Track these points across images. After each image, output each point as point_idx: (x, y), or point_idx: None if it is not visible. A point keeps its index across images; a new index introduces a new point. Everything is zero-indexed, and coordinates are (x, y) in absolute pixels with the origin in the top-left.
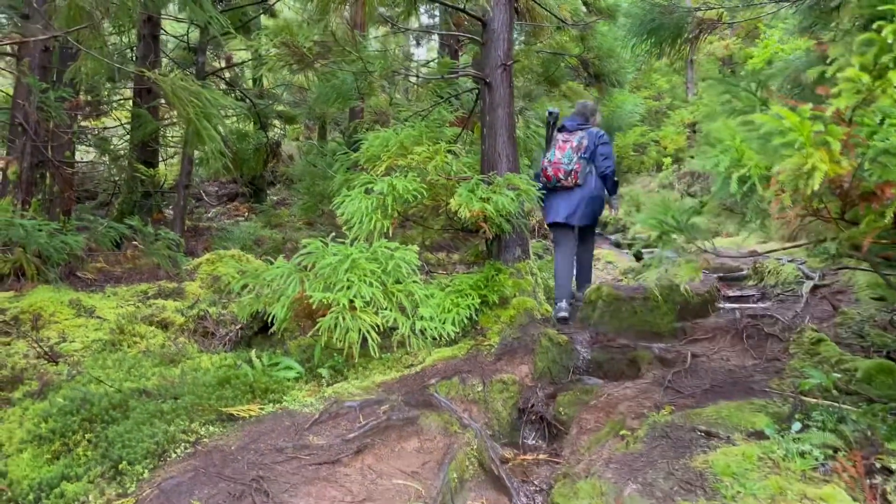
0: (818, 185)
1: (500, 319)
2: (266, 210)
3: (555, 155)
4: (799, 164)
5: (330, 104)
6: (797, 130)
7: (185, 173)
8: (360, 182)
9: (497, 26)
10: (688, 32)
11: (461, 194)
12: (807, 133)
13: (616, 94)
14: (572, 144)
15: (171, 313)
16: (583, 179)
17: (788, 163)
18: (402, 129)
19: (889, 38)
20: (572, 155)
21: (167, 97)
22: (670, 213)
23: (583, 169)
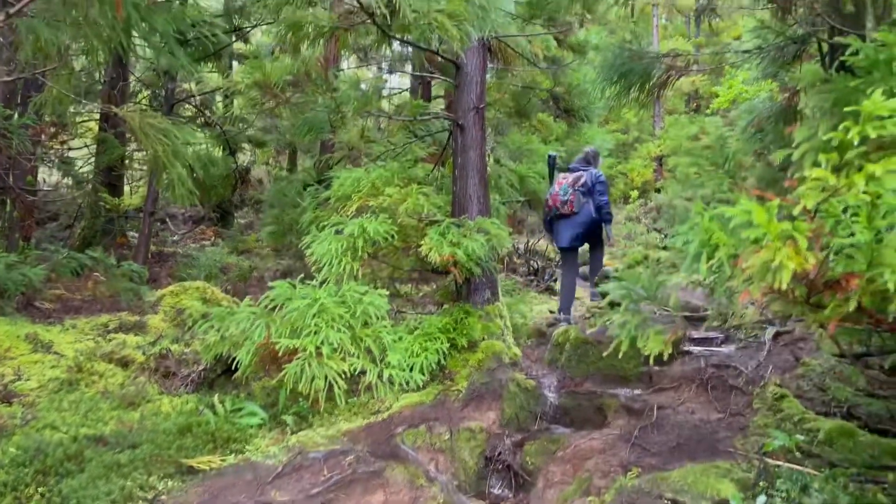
0: (787, 282)
1: (469, 363)
2: (233, 235)
3: (554, 189)
4: (767, 260)
5: (302, 136)
6: (765, 227)
7: (151, 200)
8: (331, 223)
9: (470, 70)
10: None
11: (432, 238)
12: (774, 231)
13: (585, 129)
14: (568, 180)
15: (131, 350)
16: (578, 208)
17: (756, 259)
18: (373, 169)
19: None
20: (568, 188)
21: (134, 133)
22: (640, 282)
23: (577, 199)
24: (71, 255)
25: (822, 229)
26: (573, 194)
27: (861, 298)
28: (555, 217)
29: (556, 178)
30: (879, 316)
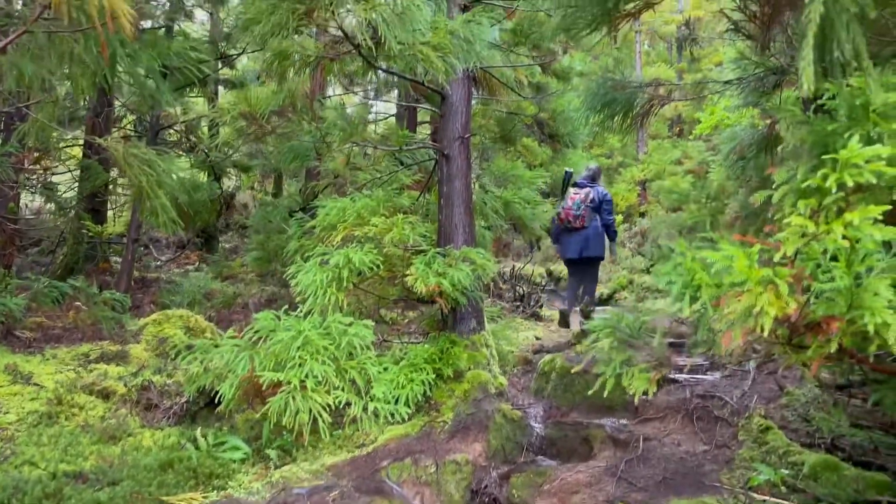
0: (769, 327)
1: (455, 394)
2: (217, 260)
3: (567, 203)
4: (748, 306)
5: (287, 164)
6: (746, 273)
7: (135, 227)
8: (316, 253)
9: (455, 100)
10: (639, 107)
11: (418, 268)
12: (756, 278)
13: (570, 154)
14: (581, 196)
15: (112, 381)
16: (588, 223)
17: (738, 305)
18: (359, 198)
19: (833, 188)
20: (580, 204)
21: (119, 165)
22: (624, 321)
23: (588, 215)
24: (52, 283)
25: (803, 273)
26: (585, 210)
27: (842, 339)
28: (564, 230)
29: (567, 194)
30: (860, 355)
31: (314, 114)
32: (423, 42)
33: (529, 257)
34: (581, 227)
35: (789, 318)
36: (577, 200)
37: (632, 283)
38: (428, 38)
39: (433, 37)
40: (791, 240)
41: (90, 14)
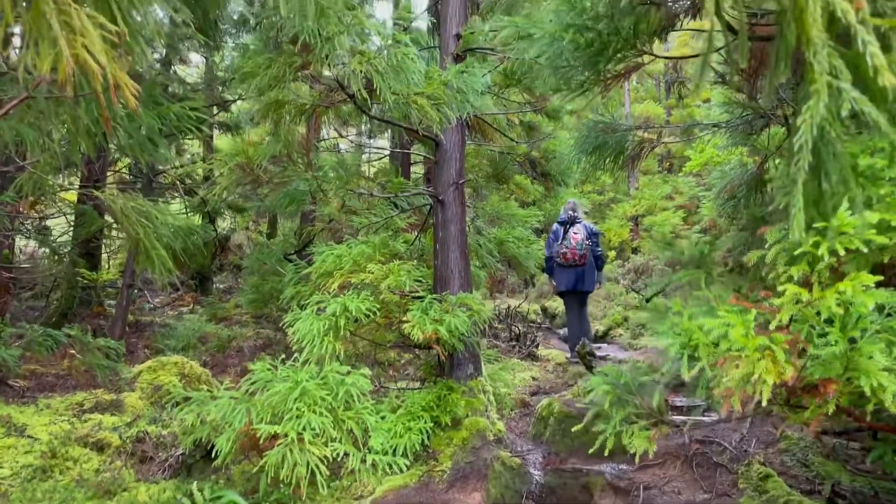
0: (767, 396)
1: (453, 442)
2: (212, 302)
3: (570, 244)
4: (746, 374)
5: (282, 208)
6: (742, 341)
7: (129, 272)
8: (313, 301)
9: (449, 147)
10: (629, 150)
11: (414, 315)
12: (753, 346)
13: (563, 192)
14: (582, 236)
15: (107, 433)
16: (587, 260)
17: (736, 372)
18: (355, 245)
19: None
20: (582, 243)
21: (115, 217)
22: (623, 379)
23: (588, 252)
24: (47, 332)
25: (798, 338)
26: (586, 249)
27: (839, 399)
28: (559, 265)
29: (568, 233)
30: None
31: (310, 162)
32: (417, 92)
33: (524, 294)
34: (582, 265)
35: (787, 382)
36: (579, 241)
37: (626, 319)
38: (422, 88)
39: (427, 87)
40: (786, 307)
41: (94, 88)
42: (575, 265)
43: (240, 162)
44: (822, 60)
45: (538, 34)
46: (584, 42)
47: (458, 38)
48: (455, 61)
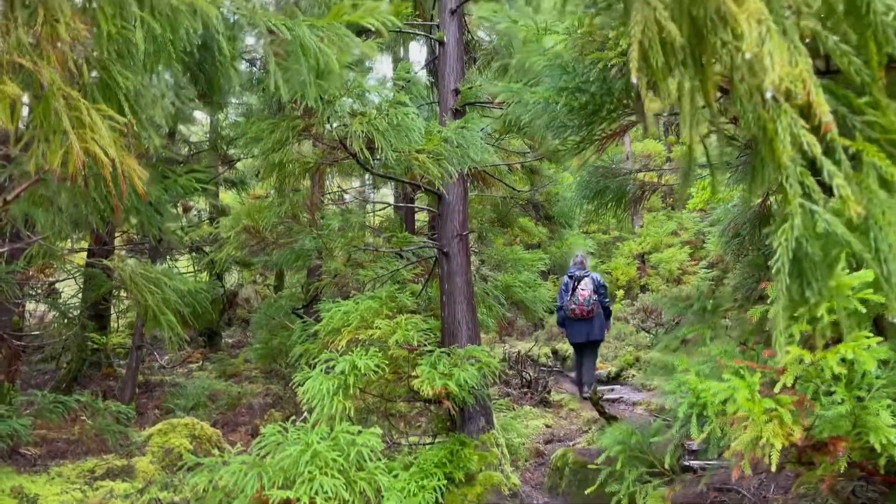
0: (776, 460)
1: (467, 498)
2: (221, 358)
3: (578, 299)
4: (754, 437)
5: (289, 265)
6: (748, 405)
7: (139, 334)
8: (321, 360)
9: (452, 199)
10: (631, 194)
11: (423, 370)
12: (759, 410)
13: (567, 235)
14: (589, 291)
15: (119, 500)
16: (595, 313)
17: (744, 436)
18: (362, 301)
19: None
20: (590, 297)
21: (124, 284)
22: (634, 438)
23: (596, 306)
24: (57, 398)
25: (805, 398)
26: (594, 303)
27: (850, 455)
28: (569, 318)
29: (577, 289)
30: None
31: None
32: (418, 149)
33: (534, 337)
34: (591, 318)
35: (795, 443)
36: (587, 297)
37: (638, 360)
38: (422, 144)
39: (428, 144)
40: (790, 369)
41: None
42: (584, 318)
43: (245, 225)
44: (793, 184)
45: (532, 100)
46: (578, 105)
47: (457, 93)
48: (454, 116)
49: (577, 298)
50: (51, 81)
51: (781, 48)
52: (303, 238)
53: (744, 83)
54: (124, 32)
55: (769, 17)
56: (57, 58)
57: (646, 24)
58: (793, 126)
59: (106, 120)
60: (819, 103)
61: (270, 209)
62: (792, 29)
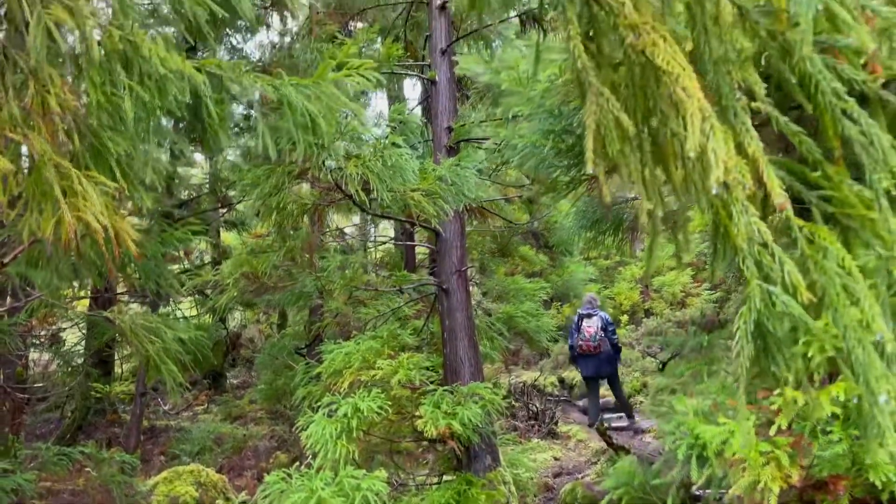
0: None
1: None
2: (226, 400)
3: (584, 335)
4: (752, 481)
5: (290, 305)
6: (744, 451)
7: (142, 382)
8: (324, 403)
9: (449, 236)
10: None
11: (427, 410)
12: (756, 454)
13: (568, 263)
14: (595, 328)
15: None
16: (602, 348)
17: (743, 480)
18: (363, 341)
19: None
20: (595, 334)
21: (125, 336)
22: (637, 479)
23: (602, 342)
24: (61, 450)
25: (802, 438)
26: (600, 339)
27: (852, 492)
28: (580, 355)
29: (582, 326)
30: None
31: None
32: (413, 188)
33: (539, 367)
34: (597, 353)
35: (794, 485)
36: (592, 334)
37: (645, 386)
38: (417, 183)
39: (423, 183)
40: (786, 411)
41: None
42: (591, 354)
43: (244, 271)
44: (750, 266)
45: (521, 143)
46: (565, 147)
47: (450, 130)
48: (448, 154)
49: (583, 335)
50: (42, 153)
51: (727, 143)
52: (303, 279)
53: (694, 173)
54: (114, 99)
55: (712, 115)
56: (47, 128)
57: (599, 114)
58: (743, 214)
59: (98, 186)
60: (772, 186)
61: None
62: (743, 111)
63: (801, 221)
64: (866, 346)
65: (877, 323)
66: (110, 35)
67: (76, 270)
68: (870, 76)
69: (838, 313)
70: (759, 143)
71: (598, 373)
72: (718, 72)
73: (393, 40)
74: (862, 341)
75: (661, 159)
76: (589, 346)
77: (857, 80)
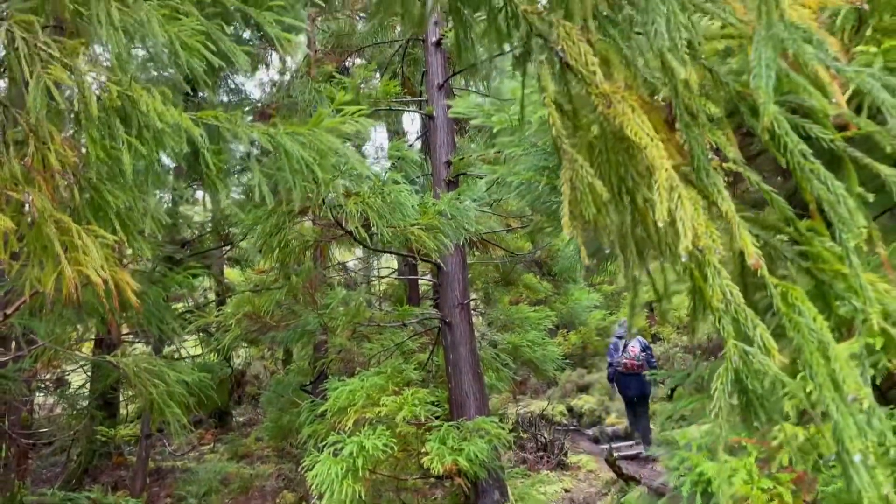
0: None
1: None
2: (232, 439)
3: (629, 355)
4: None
5: (294, 342)
6: (746, 489)
7: (146, 424)
8: (329, 442)
9: (451, 269)
10: None
11: (433, 446)
12: (757, 491)
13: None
14: (638, 350)
15: None
16: (644, 368)
17: None
18: (367, 377)
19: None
20: (639, 354)
21: (129, 380)
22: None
23: (644, 363)
24: (67, 496)
25: (804, 475)
26: (642, 361)
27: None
28: (621, 374)
29: (627, 346)
30: None
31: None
32: (413, 224)
33: (548, 395)
34: (639, 372)
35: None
36: (636, 354)
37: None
38: (417, 218)
39: (423, 218)
40: (786, 447)
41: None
42: (635, 374)
43: (247, 312)
44: (726, 326)
45: (516, 181)
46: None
47: (449, 164)
48: (448, 187)
49: (628, 354)
50: (42, 209)
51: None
52: (305, 316)
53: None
54: (113, 153)
55: (679, 186)
56: (47, 185)
57: (573, 181)
58: (716, 276)
59: (98, 239)
60: (745, 245)
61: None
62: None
63: (776, 280)
64: (840, 406)
65: (848, 383)
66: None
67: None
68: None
69: (814, 371)
70: (731, 204)
71: (642, 391)
72: (691, 134)
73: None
74: (836, 400)
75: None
76: (634, 365)
77: (824, 139)
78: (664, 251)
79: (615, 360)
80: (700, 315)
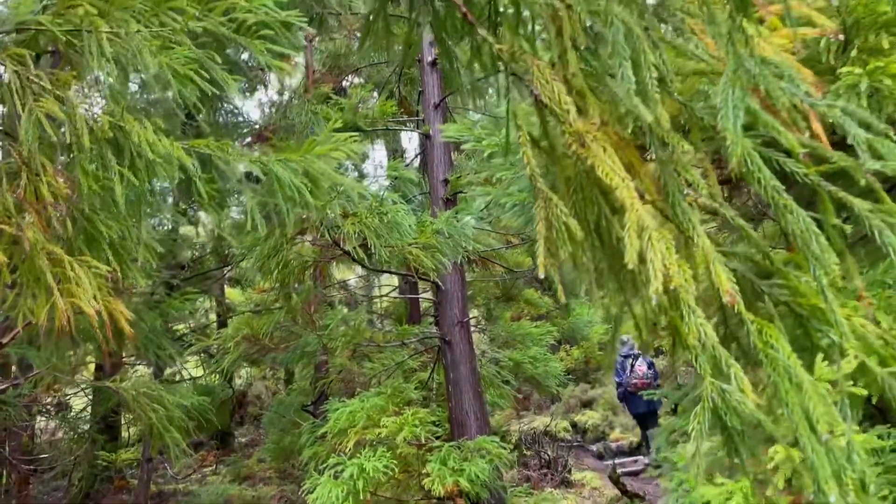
0: None
1: None
2: (235, 461)
3: (638, 374)
4: None
5: (295, 363)
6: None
7: (148, 447)
8: (330, 464)
9: (450, 287)
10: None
11: (433, 467)
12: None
13: (573, 303)
14: (645, 368)
15: None
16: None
17: None
18: (368, 398)
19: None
20: (647, 372)
21: (128, 406)
22: None
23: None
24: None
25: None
26: (650, 378)
27: None
28: (629, 392)
29: (634, 366)
30: None
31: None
32: (411, 243)
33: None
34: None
35: None
36: (645, 372)
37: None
38: (415, 238)
39: (420, 237)
40: (781, 469)
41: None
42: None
43: (246, 334)
44: (703, 364)
45: (509, 203)
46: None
47: (446, 182)
48: (445, 206)
49: (636, 373)
50: (34, 242)
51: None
52: (305, 337)
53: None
54: (106, 183)
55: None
56: (40, 218)
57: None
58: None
59: (91, 270)
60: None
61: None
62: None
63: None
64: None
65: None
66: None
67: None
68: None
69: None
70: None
71: (650, 407)
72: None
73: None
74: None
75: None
76: (644, 384)
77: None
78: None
79: (624, 381)
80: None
